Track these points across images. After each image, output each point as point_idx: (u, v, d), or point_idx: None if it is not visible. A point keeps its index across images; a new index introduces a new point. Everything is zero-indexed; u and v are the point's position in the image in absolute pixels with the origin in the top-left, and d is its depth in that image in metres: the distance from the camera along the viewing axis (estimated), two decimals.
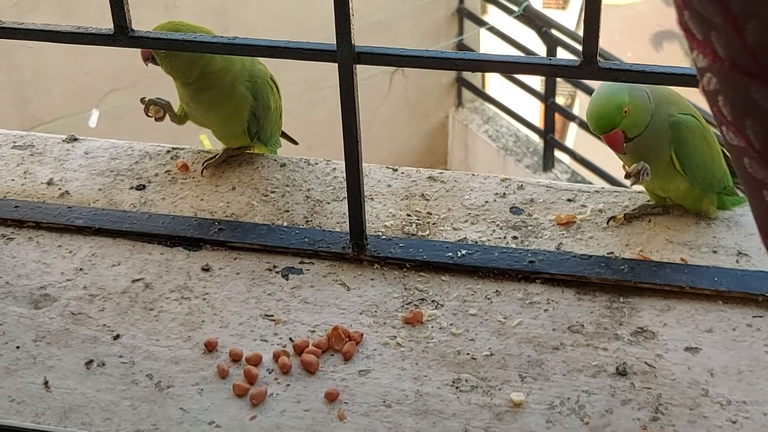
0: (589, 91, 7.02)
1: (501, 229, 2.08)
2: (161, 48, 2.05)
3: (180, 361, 1.85)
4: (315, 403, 1.77)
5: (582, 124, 7.35)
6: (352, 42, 1.83)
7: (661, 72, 1.78)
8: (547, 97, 7.40)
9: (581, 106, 11.89)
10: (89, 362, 1.86)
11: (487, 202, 2.15)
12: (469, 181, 2.20)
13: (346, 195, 2.05)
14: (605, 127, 1.96)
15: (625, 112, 1.94)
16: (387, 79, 7.68)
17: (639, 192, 2.15)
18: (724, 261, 1.98)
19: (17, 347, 1.89)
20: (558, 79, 7.47)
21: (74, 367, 1.85)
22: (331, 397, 1.78)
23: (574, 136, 11.55)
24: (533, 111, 9.08)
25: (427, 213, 2.13)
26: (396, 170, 2.24)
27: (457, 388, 1.78)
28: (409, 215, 2.12)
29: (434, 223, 2.10)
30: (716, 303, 1.90)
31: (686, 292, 1.92)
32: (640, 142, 2.00)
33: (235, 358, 1.85)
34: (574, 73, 1.79)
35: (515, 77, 7.70)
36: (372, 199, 2.15)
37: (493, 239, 2.06)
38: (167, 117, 2.27)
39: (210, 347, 1.87)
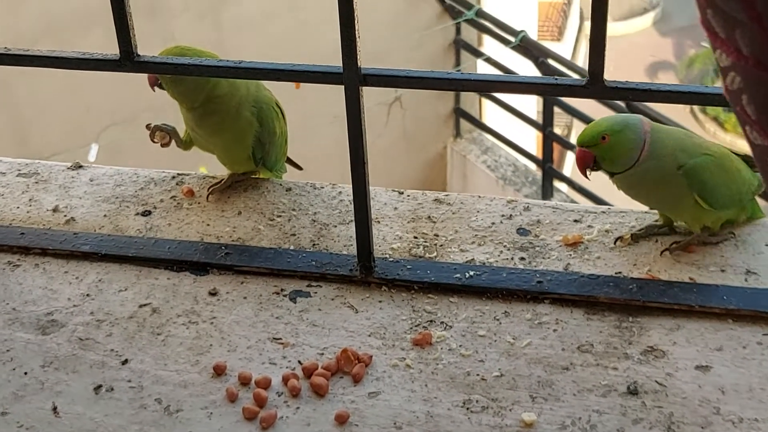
0: (586, 120, 7.04)
1: (508, 250, 2.08)
2: (167, 72, 2.05)
3: (188, 385, 1.84)
4: (325, 425, 1.77)
5: None
6: (358, 64, 1.83)
7: (668, 90, 1.78)
8: (545, 126, 7.42)
9: (576, 132, 11.91)
10: (98, 387, 1.85)
11: (493, 223, 2.15)
12: (476, 203, 2.20)
13: (352, 218, 2.05)
14: (582, 141, 2.00)
15: (603, 138, 1.97)
16: (385, 111, 7.69)
17: (645, 212, 2.15)
18: (733, 280, 1.98)
19: (25, 373, 1.88)
20: (555, 109, 7.49)
21: (82, 392, 1.84)
22: (342, 420, 1.77)
23: (571, 165, 11.56)
24: (530, 141, 9.10)
25: (434, 235, 2.12)
26: (402, 193, 2.24)
27: (467, 409, 1.78)
28: (416, 237, 2.12)
29: (441, 245, 2.10)
30: (726, 321, 1.90)
31: (695, 310, 1.91)
32: (642, 181, 2.01)
33: (244, 381, 1.84)
34: (580, 93, 1.79)
35: (513, 107, 7.73)
36: (378, 221, 2.15)
37: (501, 260, 2.05)
38: (173, 143, 2.27)
39: (218, 371, 1.86)
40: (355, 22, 1.79)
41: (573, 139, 10.99)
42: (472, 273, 2.00)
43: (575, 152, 2.04)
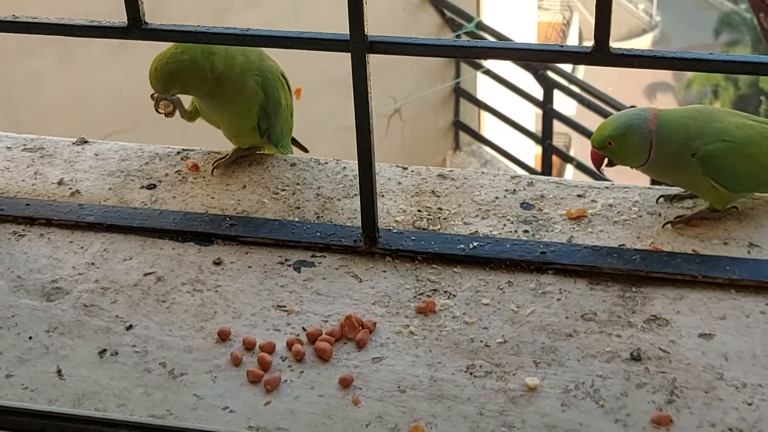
0: (585, 133, 7.06)
1: (512, 223, 2.09)
2: (175, 40, 2.05)
3: (193, 350, 1.85)
4: (329, 388, 1.77)
5: (579, 166, 7.38)
6: (365, 31, 1.84)
7: (672, 57, 1.79)
8: (545, 139, 7.44)
9: (575, 148, 11.95)
10: (102, 351, 1.85)
11: (497, 197, 2.16)
12: (479, 179, 2.21)
13: (356, 192, 2.06)
14: (593, 143, 2.05)
15: (609, 143, 2.02)
16: (384, 123, 7.71)
17: (648, 188, 2.16)
18: (736, 252, 1.99)
19: (30, 338, 1.88)
20: (554, 123, 7.51)
21: (87, 356, 1.85)
22: (346, 383, 1.78)
23: (571, 177, 11.57)
24: (529, 154, 9.11)
25: (438, 209, 2.13)
26: (406, 168, 2.25)
27: (471, 373, 1.78)
28: (419, 211, 2.13)
29: (445, 218, 2.11)
30: (729, 291, 1.91)
31: (699, 281, 1.92)
32: (663, 171, 2.06)
33: (249, 346, 1.85)
34: (586, 60, 1.80)
35: (512, 120, 7.74)
36: (383, 195, 2.16)
37: (504, 233, 2.06)
38: (177, 113, 2.28)
39: (223, 336, 1.87)
40: None
41: (572, 152, 11.03)
42: (475, 244, 2.01)
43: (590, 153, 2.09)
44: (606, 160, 2.05)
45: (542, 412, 1.71)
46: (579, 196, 2.15)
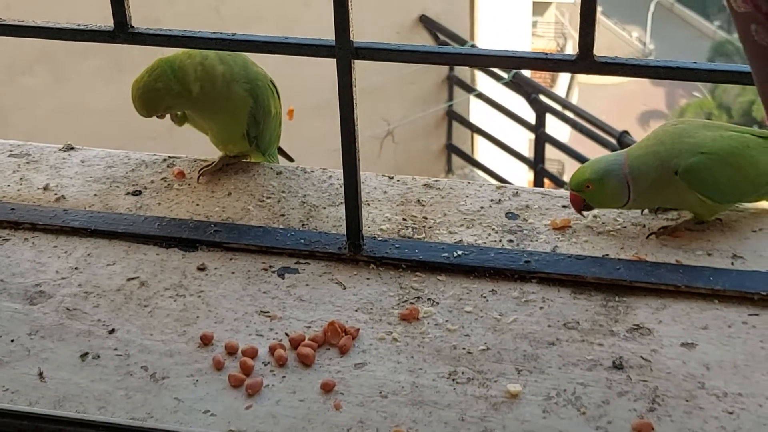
0: (578, 158, 7.07)
1: (497, 232, 2.09)
2: (162, 44, 2.05)
3: (175, 354, 1.84)
4: (311, 393, 1.77)
5: None
6: (351, 37, 1.85)
7: (656, 66, 1.80)
8: (537, 163, 7.45)
9: (568, 174, 11.97)
10: (84, 355, 1.85)
11: (482, 207, 2.16)
12: (465, 189, 2.21)
13: (342, 201, 2.06)
14: (571, 186, 2.06)
15: (587, 186, 2.03)
16: (377, 145, 7.72)
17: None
18: (719, 263, 1.99)
19: (11, 340, 1.88)
20: (547, 147, 7.52)
21: (69, 359, 1.84)
22: (327, 388, 1.77)
23: None
24: (522, 178, 9.13)
25: (423, 218, 2.14)
26: (392, 178, 2.25)
27: (453, 380, 1.78)
28: (405, 219, 2.13)
29: (430, 227, 2.11)
30: (712, 302, 1.91)
31: (681, 291, 1.92)
32: (650, 200, 2.07)
33: (231, 351, 1.84)
34: (570, 67, 1.81)
35: (505, 144, 7.75)
36: (368, 204, 2.16)
37: (489, 242, 2.06)
38: (167, 116, 2.28)
39: (205, 341, 1.86)
40: None
41: (566, 177, 11.05)
42: (460, 252, 2.01)
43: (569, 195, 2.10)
44: (584, 203, 2.07)
45: (523, 419, 1.70)
46: (564, 206, 2.15)
